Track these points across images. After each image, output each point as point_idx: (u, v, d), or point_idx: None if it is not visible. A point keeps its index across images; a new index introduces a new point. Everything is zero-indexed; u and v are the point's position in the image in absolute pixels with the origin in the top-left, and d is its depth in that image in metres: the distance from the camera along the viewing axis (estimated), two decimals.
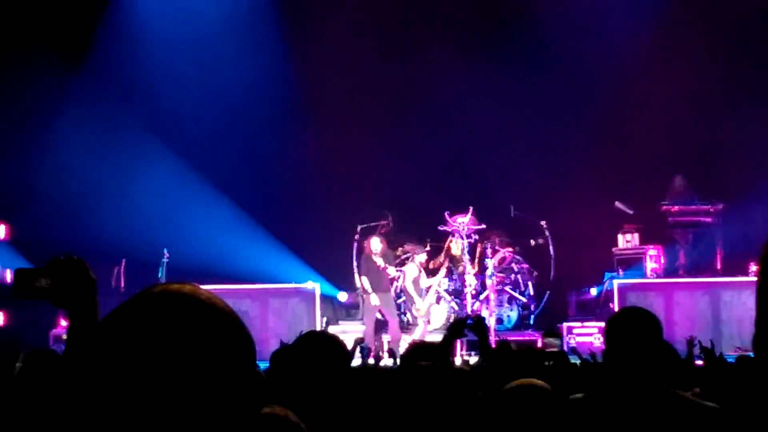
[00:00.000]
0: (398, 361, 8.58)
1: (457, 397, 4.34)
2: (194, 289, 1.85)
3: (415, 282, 17.51)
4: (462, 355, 15.66)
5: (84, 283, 2.97)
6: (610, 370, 4.48)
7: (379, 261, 17.13)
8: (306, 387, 3.97)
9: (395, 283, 18.10)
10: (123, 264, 17.67)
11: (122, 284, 17.55)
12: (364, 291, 17.28)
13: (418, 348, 5.50)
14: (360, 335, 15.59)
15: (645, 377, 4.23)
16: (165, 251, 17.39)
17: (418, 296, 17.44)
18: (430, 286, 17.63)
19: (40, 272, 3.03)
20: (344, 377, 4.11)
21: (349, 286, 18.68)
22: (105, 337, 1.74)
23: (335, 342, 4.28)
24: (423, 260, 17.67)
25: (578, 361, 10.22)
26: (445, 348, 6.14)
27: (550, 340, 12.95)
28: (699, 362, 9.47)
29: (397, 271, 18.18)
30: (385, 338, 17.32)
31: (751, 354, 4.12)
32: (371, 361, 11.81)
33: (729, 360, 8.48)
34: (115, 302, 1.85)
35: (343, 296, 18.76)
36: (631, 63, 19.67)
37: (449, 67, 20.19)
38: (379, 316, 17.39)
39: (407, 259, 18.83)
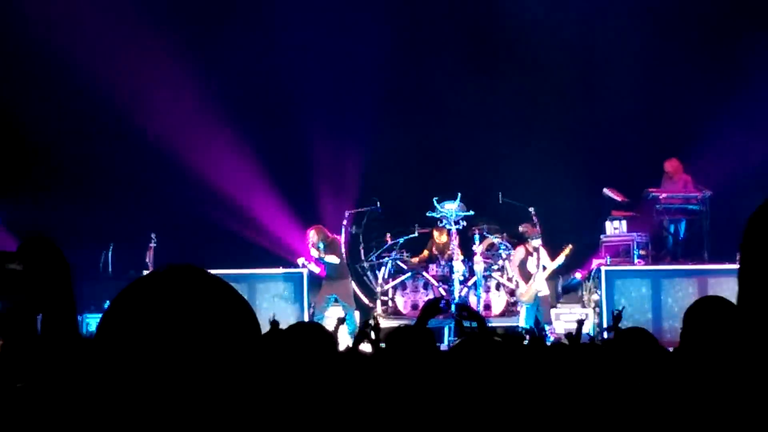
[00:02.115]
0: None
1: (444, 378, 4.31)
2: (199, 268, 1.85)
3: (522, 265, 17.48)
4: (450, 341, 15.65)
5: (56, 267, 2.90)
6: (687, 357, 4.49)
7: (314, 253, 17.13)
8: (292, 377, 3.94)
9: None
10: (111, 248, 17.64)
11: (110, 268, 17.53)
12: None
13: (401, 331, 5.48)
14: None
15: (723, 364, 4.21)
16: (152, 236, 17.36)
17: (522, 280, 17.42)
18: (537, 272, 17.45)
19: (12, 256, 2.95)
20: (330, 367, 4.08)
21: None
22: (122, 311, 1.74)
23: (321, 332, 4.24)
24: (537, 245, 17.50)
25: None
26: (422, 330, 6.07)
27: None
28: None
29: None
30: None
31: None
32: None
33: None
34: (103, 286, 1.84)
35: None
36: (620, 48, 19.72)
37: (438, 57, 20.21)
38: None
39: (395, 244, 18.82)
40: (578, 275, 18.44)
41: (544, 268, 17.29)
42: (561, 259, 17.43)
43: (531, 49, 20.19)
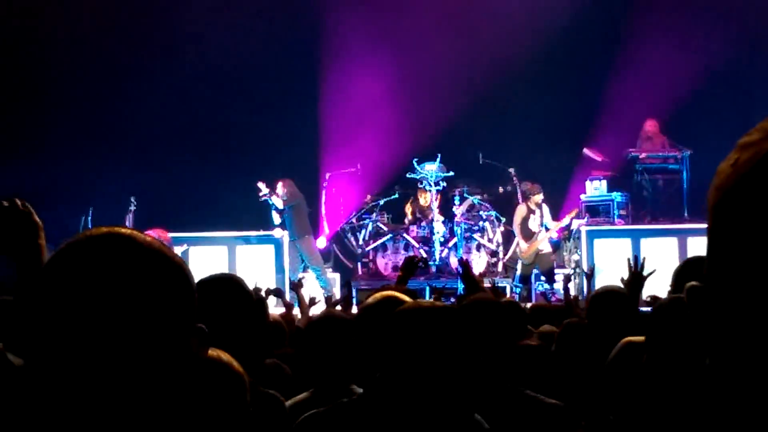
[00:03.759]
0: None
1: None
2: (136, 232, 1.78)
3: (524, 223, 17.48)
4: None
5: (27, 228, 2.82)
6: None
7: (277, 202, 17.26)
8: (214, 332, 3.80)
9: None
10: (90, 212, 17.57)
11: None
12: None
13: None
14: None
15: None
16: (132, 199, 17.31)
17: (522, 238, 17.45)
18: (539, 231, 17.43)
19: None
20: (249, 322, 3.96)
21: (318, 232, 18.66)
22: (50, 277, 1.69)
23: (237, 285, 4.08)
24: (539, 200, 17.44)
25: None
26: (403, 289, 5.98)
27: None
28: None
29: (365, 218, 18.35)
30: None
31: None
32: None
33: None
34: None
35: (321, 242, 18.60)
36: (597, 9, 19.72)
37: (417, 16, 20.13)
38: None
39: (375, 206, 18.82)
40: (555, 234, 18.44)
41: (547, 228, 17.34)
42: (567, 220, 17.47)
43: (508, 9, 20.11)
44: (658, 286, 7.94)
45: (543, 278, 17.29)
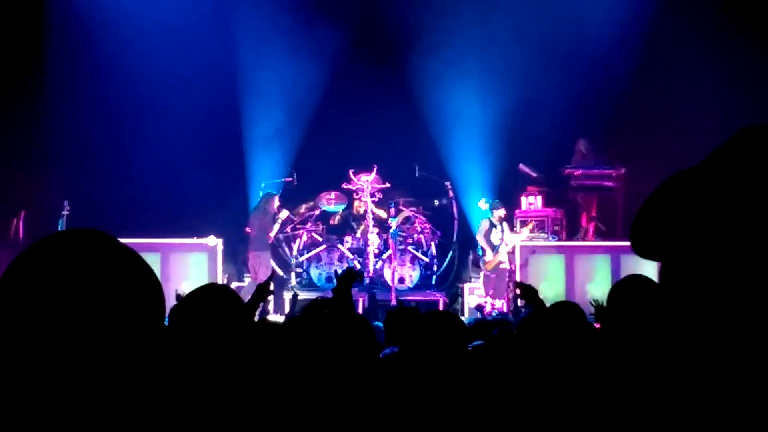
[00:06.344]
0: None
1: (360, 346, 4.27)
2: (97, 231, 1.78)
3: (486, 236, 17.53)
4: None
5: None
6: (611, 334, 4.54)
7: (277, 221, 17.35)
8: (202, 340, 3.90)
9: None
10: (22, 215, 17.35)
11: (21, 235, 17.24)
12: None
13: (320, 302, 5.47)
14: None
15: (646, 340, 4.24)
16: (65, 203, 17.07)
17: (489, 250, 17.50)
18: (499, 244, 17.48)
19: None
20: (241, 330, 4.05)
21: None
22: (24, 269, 1.67)
23: (231, 295, 4.21)
24: (502, 215, 17.59)
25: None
26: (345, 300, 6.02)
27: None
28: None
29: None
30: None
31: None
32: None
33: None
34: (12, 253, 1.76)
35: None
36: (535, 28, 19.84)
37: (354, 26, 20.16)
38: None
39: (310, 217, 18.79)
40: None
41: (506, 243, 17.45)
42: (524, 234, 17.56)
43: (449, 25, 20.18)
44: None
45: (491, 292, 17.32)
